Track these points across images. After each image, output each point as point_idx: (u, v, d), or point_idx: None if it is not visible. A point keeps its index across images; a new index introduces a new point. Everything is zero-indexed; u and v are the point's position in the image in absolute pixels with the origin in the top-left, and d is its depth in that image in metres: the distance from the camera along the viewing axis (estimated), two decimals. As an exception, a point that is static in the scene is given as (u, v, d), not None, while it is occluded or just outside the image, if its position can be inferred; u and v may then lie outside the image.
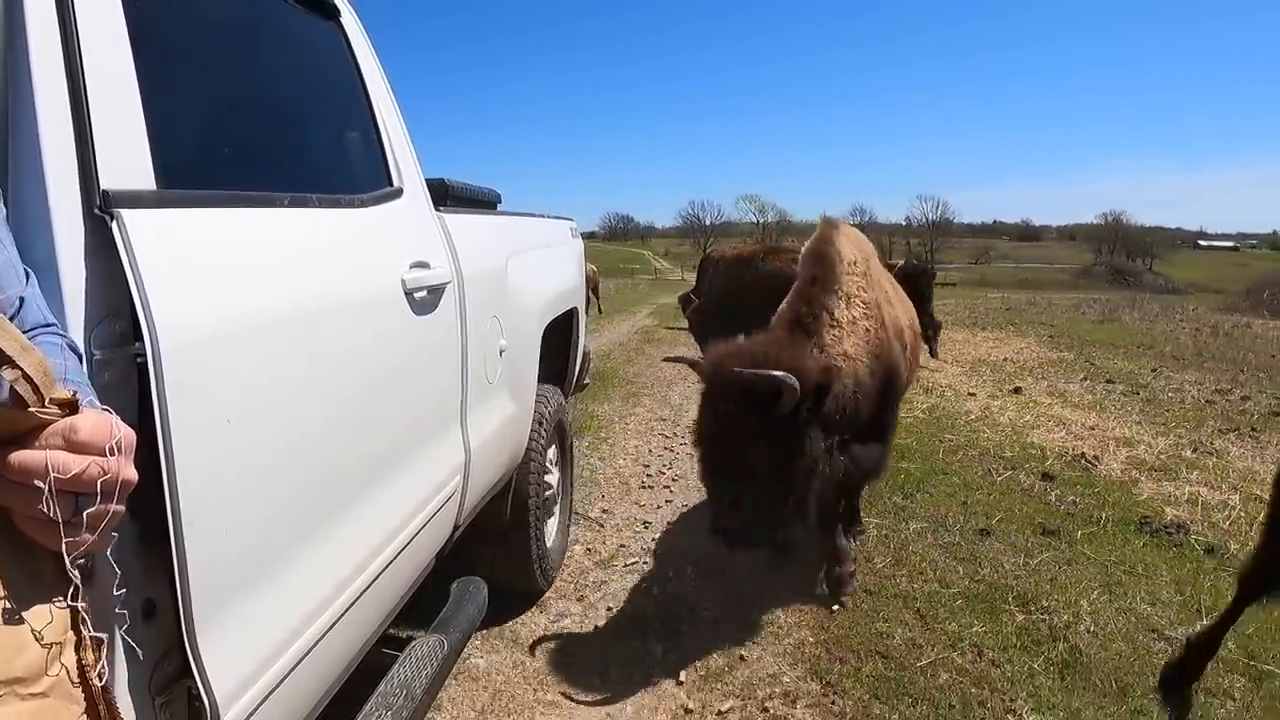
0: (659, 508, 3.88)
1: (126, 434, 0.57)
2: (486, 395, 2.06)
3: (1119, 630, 2.66)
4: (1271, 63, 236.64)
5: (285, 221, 1.25)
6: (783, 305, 2.68)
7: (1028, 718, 2.18)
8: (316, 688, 1.26)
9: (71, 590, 0.55)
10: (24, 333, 0.61)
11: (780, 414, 2.15)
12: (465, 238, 1.96)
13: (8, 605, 0.53)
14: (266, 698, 1.05)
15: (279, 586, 1.11)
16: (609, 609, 2.83)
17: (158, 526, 0.86)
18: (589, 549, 3.34)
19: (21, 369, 0.50)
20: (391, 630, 1.65)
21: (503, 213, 2.71)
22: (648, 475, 4.41)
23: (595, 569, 3.15)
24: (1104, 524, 3.65)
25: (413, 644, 1.58)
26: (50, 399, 0.52)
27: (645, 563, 3.21)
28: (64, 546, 0.53)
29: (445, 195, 2.17)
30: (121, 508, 0.56)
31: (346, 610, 1.28)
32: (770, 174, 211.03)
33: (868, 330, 2.59)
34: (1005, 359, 9.11)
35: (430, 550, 1.77)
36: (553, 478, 2.91)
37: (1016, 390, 6.97)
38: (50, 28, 0.84)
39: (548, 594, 2.89)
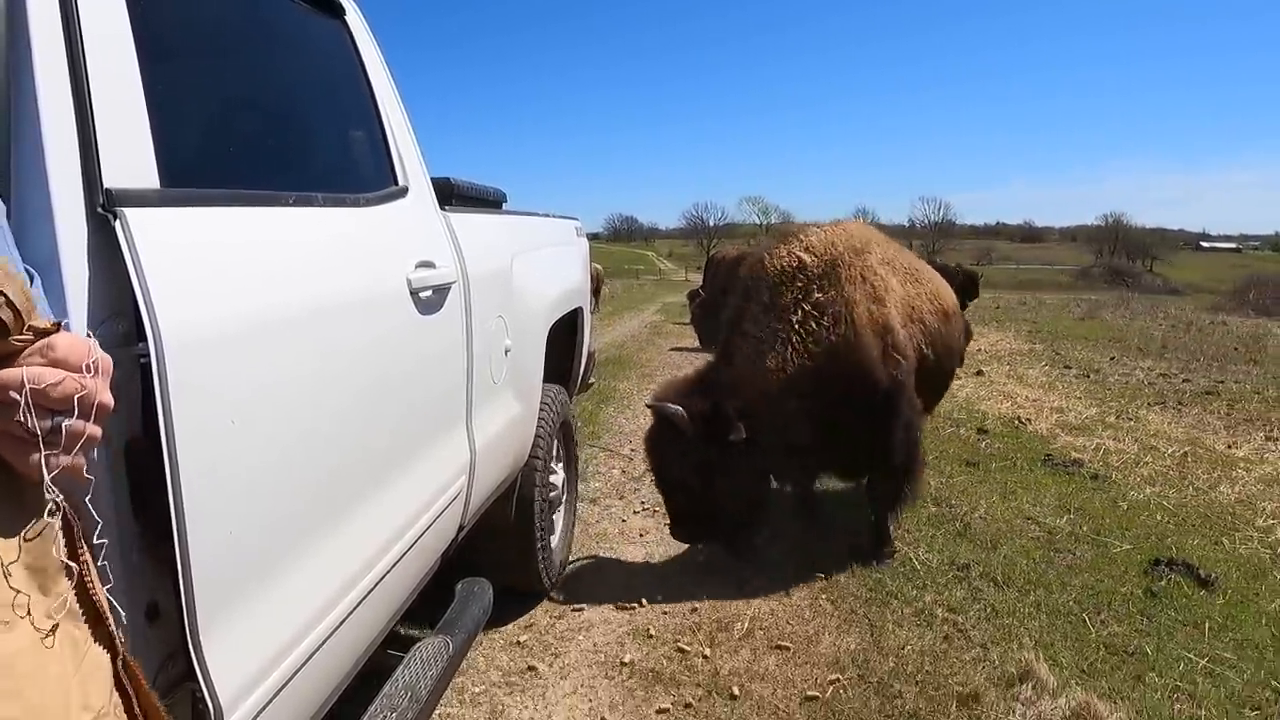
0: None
1: (104, 359, 0.57)
2: (492, 395, 2.05)
3: (1002, 517, 3.69)
4: (1278, 62, 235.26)
5: (290, 221, 1.24)
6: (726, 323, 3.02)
7: (922, 555, 3.24)
8: (321, 690, 1.25)
9: (49, 507, 0.55)
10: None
11: (691, 439, 2.68)
12: (470, 237, 1.95)
13: None
14: (271, 700, 1.04)
15: (283, 588, 1.10)
16: (642, 503, 4.00)
17: (161, 527, 0.85)
18: (623, 471, 4.61)
19: (5, 294, 0.50)
20: (396, 631, 1.64)
21: (508, 212, 2.70)
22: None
23: (630, 481, 4.38)
24: (1015, 461, 4.63)
25: (418, 645, 1.58)
26: (29, 325, 0.52)
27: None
28: (42, 460, 0.52)
29: (450, 194, 2.16)
30: (98, 430, 0.56)
31: (351, 612, 1.28)
32: (773, 175, 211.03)
33: (814, 333, 2.77)
34: (979, 349, 9.45)
35: (435, 551, 1.76)
36: (557, 478, 2.90)
37: (979, 373, 7.72)
38: (54, 26, 0.83)
39: (598, 486, 4.21)
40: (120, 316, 0.86)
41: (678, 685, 2.33)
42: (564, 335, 2.93)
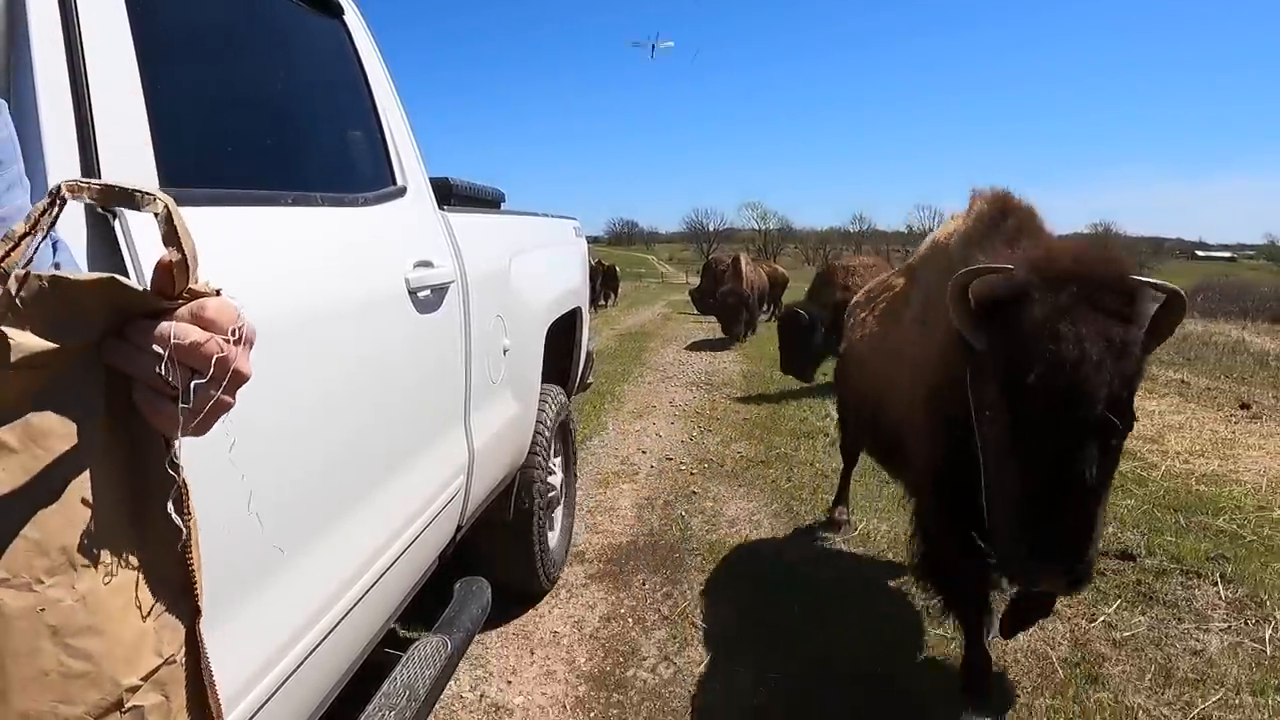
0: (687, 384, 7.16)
1: (250, 328, 0.59)
2: (490, 395, 2.05)
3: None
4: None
5: (288, 220, 1.24)
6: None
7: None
8: (320, 689, 1.25)
9: (169, 459, 0.57)
10: None
11: (1149, 348, 1.51)
12: (469, 237, 1.95)
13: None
14: (269, 699, 1.05)
15: (282, 587, 1.11)
16: (673, 419, 5.26)
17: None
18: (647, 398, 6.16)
19: (185, 253, 0.53)
20: (395, 630, 1.64)
21: (507, 212, 2.71)
22: (680, 369, 8.10)
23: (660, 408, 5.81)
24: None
25: (416, 644, 1.58)
26: (189, 288, 0.54)
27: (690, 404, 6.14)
28: (166, 417, 0.54)
29: (449, 194, 2.16)
30: (231, 400, 0.58)
31: (350, 610, 1.28)
32: (772, 182, 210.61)
33: None
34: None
35: (434, 550, 1.77)
36: (556, 478, 2.90)
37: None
38: (53, 26, 0.84)
39: (631, 401, 5.66)
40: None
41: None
42: (563, 335, 2.93)
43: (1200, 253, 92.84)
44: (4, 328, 0.47)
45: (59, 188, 0.49)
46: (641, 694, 2.12)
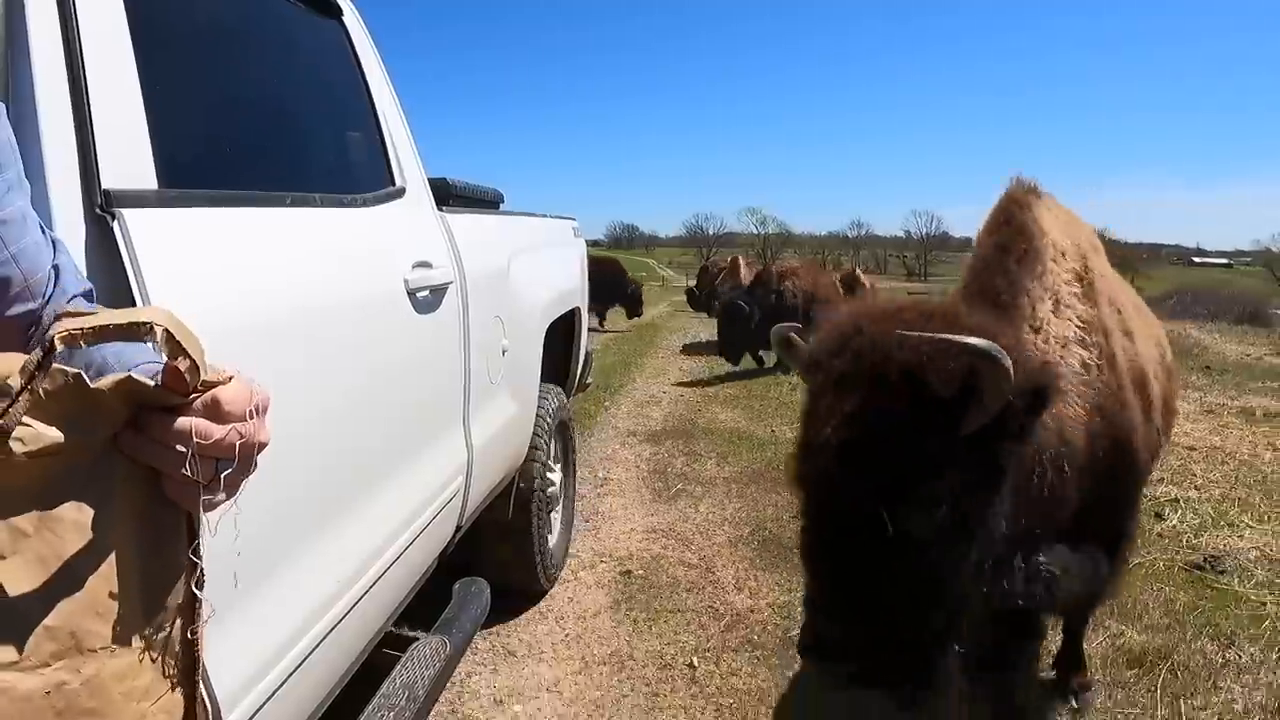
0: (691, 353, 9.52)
1: (263, 398, 0.63)
2: (489, 395, 2.05)
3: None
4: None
5: (287, 221, 1.24)
6: (964, 280, 1.68)
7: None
8: (319, 689, 1.25)
9: (194, 547, 0.61)
10: (68, 300, 0.67)
11: (968, 426, 1.16)
12: (468, 237, 1.95)
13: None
14: (269, 699, 1.05)
15: (281, 587, 1.11)
16: (682, 375, 7.47)
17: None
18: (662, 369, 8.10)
19: (193, 359, 0.55)
20: (394, 631, 1.64)
21: (505, 212, 2.71)
22: (683, 347, 10.09)
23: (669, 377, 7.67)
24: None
25: (415, 644, 1.58)
26: (202, 380, 0.56)
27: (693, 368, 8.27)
28: (200, 507, 0.58)
29: (448, 195, 2.17)
30: (256, 468, 0.62)
31: (349, 611, 1.28)
32: (771, 187, 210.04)
33: (1085, 362, 1.54)
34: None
35: (433, 550, 1.77)
36: (555, 478, 2.90)
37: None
38: (52, 27, 0.84)
39: (652, 364, 7.65)
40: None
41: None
42: (562, 335, 2.94)
43: (1197, 259, 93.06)
44: (25, 418, 0.48)
45: (51, 340, 0.49)
46: (680, 476, 4.37)
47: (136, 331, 0.53)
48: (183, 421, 0.55)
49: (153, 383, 0.54)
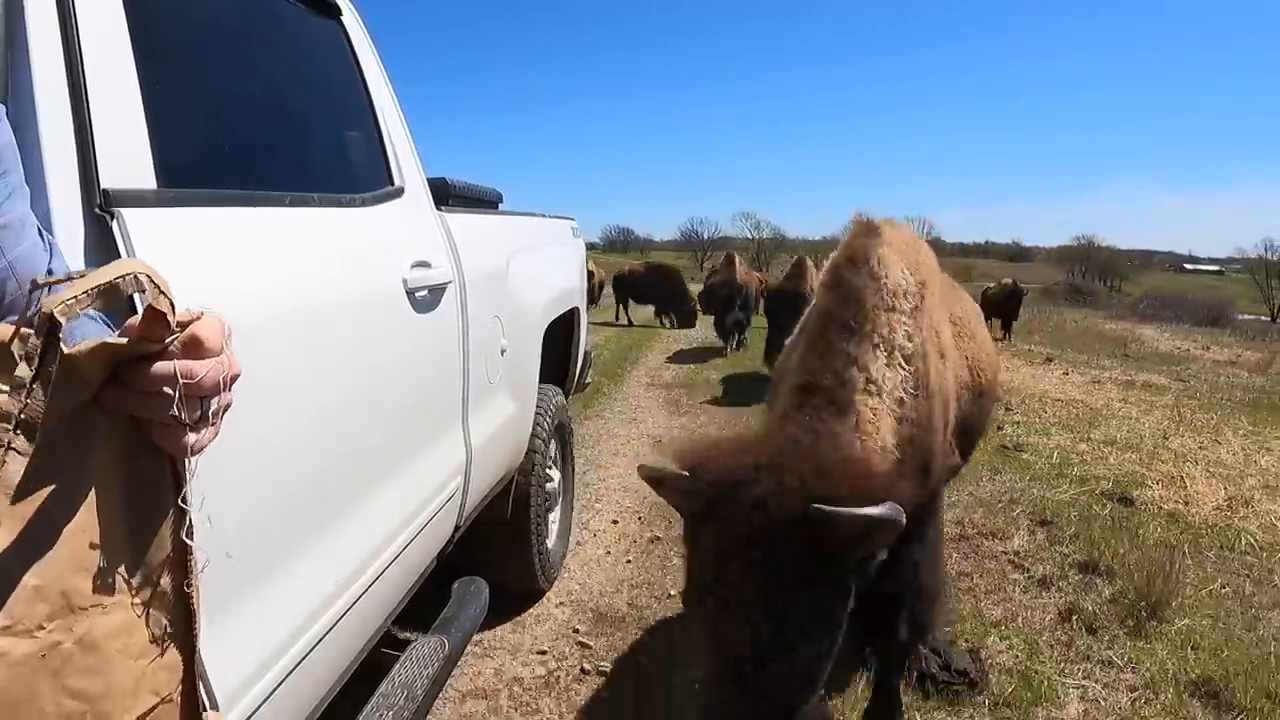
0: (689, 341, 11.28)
1: (228, 327, 0.61)
2: (488, 395, 2.05)
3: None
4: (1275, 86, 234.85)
5: (286, 221, 1.24)
6: (796, 354, 1.69)
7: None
8: (318, 688, 1.25)
9: (184, 494, 0.60)
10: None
11: (848, 559, 1.27)
12: (467, 237, 1.95)
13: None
14: (268, 698, 1.05)
15: (280, 586, 1.11)
16: (684, 356, 9.57)
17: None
18: (668, 348, 10.45)
19: (172, 300, 0.54)
20: (393, 630, 1.64)
21: (504, 212, 2.71)
22: (682, 346, 10.89)
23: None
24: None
25: (414, 644, 1.58)
26: (177, 321, 0.55)
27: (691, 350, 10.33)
28: (188, 449, 0.58)
29: (447, 195, 2.17)
30: (231, 396, 0.60)
31: (348, 610, 1.28)
32: (767, 192, 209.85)
33: (902, 400, 1.60)
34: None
35: (432, 550, 1.77)
36: (554, 477, 2.90)
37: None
38: (51, 26, 0.84)
39: (659, 347, 10.02)
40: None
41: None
42: (561, 335, 2.94)
43: (1189, 266, 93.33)
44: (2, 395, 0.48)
45: (50, 317, 0.48)
46: (687, 405, 6.55)
47: (121, 286, 0.52)
48: (166, 366, 0.54)
49: (125, 340, 0.53)
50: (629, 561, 3.20)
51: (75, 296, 0.50)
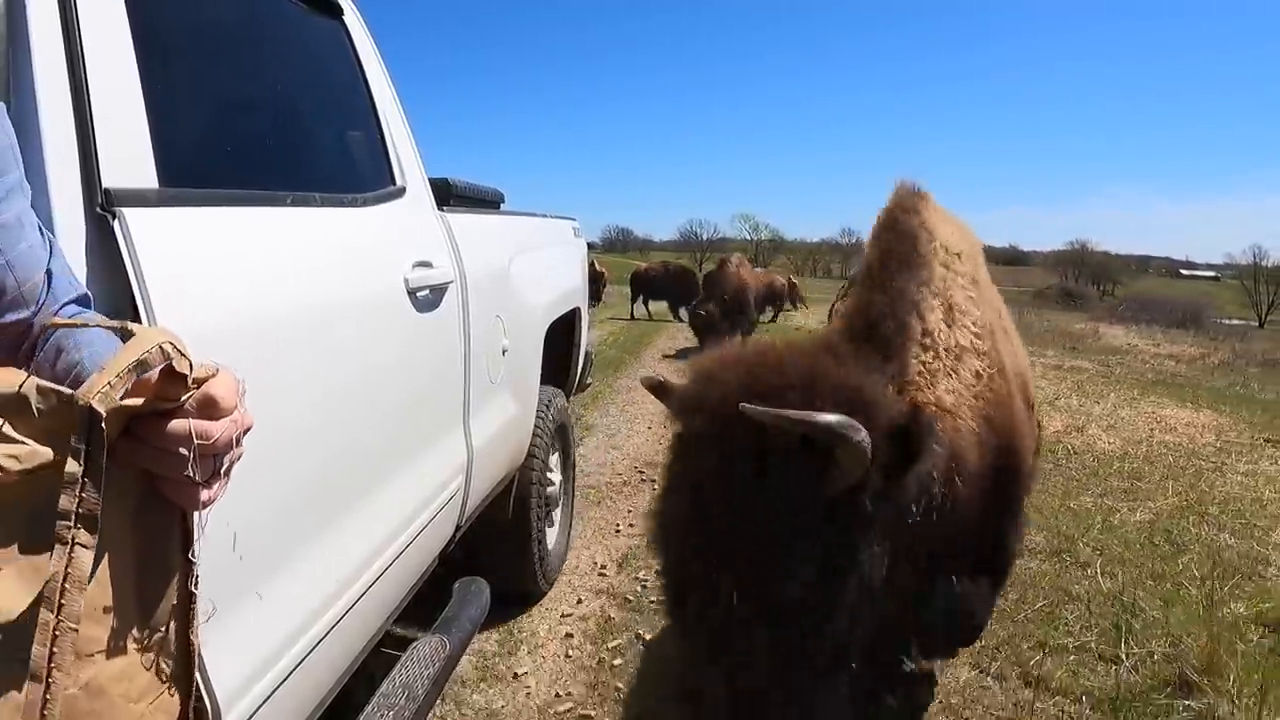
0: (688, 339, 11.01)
1: (242, 383, 0.62)
2: (489, 395, 2.05)
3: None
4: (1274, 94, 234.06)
5: (288, 220, 1.24)
6: (849, 295, 1.61)
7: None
8: (318, 688, 1.25)
9: (193, 550, 0.62)
10: (58, 309, 0.67)
11: (830, 493, 1.11)
12: (468, 237, 1.95)
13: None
14: (268, 698, 1.05)
15: (281, 586, 1.11)
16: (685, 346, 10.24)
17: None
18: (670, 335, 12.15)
19: (190, 361, 0.55)
20: (394, 630, 1.64)
21: (506, 213, 2.70)
22: (689, 335, 10.95)
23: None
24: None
25: (415, 644, 1.58)
26: (193, 379, 0.56)
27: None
28: (199, 505, 0.59)
29: (448, 195, 2.16)
30: (243, 450, 0.61)
31: (349, 610, 1.28)
32: (765, 194, 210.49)
33: (977, 371, 1.46)
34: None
35: (432, 550, 1.77)
36: (554, 478, 2.90)
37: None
38: (53, 26, 0.84)
39: (663, 339, 11.19)
40: (118, 316, 0.86)
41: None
42: (562, 335, 2.93)
43: (1185, 271, 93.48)
44: (18, 435, 0.49)
45: (89, 408, 0.49)
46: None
47: (149, 361, 0.54)
48: (182, 425, 0.55)
49: (142, 400, 0.54)
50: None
51: (109, 382, 0.51)
